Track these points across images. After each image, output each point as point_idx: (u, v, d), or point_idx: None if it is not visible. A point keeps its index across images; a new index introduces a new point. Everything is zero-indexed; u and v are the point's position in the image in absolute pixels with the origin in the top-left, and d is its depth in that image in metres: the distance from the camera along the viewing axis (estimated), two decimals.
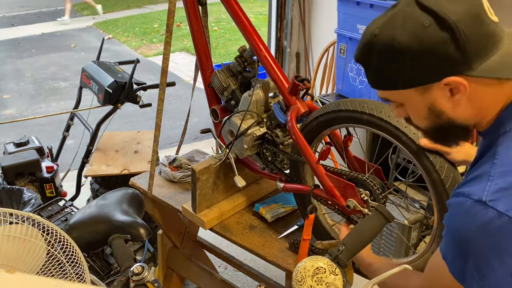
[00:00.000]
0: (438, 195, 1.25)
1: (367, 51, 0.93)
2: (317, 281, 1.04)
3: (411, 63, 0.87)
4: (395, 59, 0.88)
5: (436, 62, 0.85)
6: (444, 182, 1.22)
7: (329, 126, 1.44)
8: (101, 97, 2.73)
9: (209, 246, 2.33)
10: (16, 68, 6.87)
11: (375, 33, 0.90)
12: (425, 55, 0.85)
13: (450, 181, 1.22)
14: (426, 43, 0.84)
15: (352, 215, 1.45)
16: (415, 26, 0.85)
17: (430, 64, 0.86)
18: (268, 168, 1.70)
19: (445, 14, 0.82)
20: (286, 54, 4.09)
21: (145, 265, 1.25)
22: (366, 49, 0.93)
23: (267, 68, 1.60)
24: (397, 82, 0.91)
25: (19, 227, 1.19)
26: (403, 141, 1.27)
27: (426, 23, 0.83)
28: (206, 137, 4.36)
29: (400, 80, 0.91)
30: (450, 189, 1.22)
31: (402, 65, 0.88)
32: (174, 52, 7.45)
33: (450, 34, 0.83)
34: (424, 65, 0.86)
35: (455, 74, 0.85)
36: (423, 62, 0.86)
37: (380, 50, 0.89)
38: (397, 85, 0.92)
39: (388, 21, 0.89)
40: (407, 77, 0.89)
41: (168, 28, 1.67)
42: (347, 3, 2.78)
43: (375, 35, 0.90)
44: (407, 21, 0.86)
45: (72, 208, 2.20)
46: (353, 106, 1.35)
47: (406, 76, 0.89)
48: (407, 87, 0.91)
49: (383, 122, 1.29)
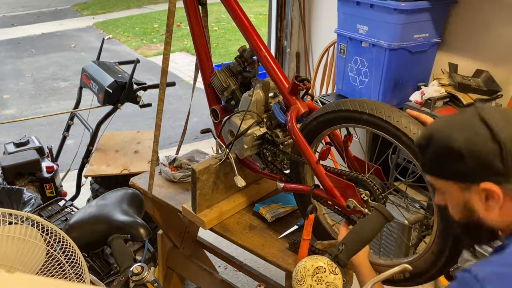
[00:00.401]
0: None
1: (427, 139, 1.05)
2: (317, 280, 1.04)
3: (459, 161, 0.98)
4: (447, 154, 1.00)
5: (481, 167, 0.97)
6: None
7: (329, 126, 1.44)
8: (101, 97, 2.73)
9: (209, 246, 2.33)
10: (16, 68, 6.87)
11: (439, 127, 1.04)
12: (473, 159, 0.97)
13: None
14: (476, 149, 0.96)
15: (352, 215, 1.45)
16: (471, 133, 0.97)
17: (475, 167, 0.97)
18: (268, 168, 1.70)
19: (498, 131, 0.95)
20: (286, 54, 4.09)
21: (144, 265, 1.25)
22: (427, 137, 1.05)
23: (267, 68, 1.60)
24: (444, 173, 1.04)
25: (18, 227, 1.19)
26: (403, 141, 1.27)
27: (482, 134, 0.96)
28: (206, 137, 4.36)
29: (446, 173, 1.03)
30: None
31: (451, 161, 1.00)
32: (174, 52, 7.45)
33: (498, 148, 0.94)
34: (470, 167, 0.98)
35: (494, 183, 0.96)
36: (470, 164, 0.97)
37: (437, 143, 1.02)
38: (443, 175, 1.04)
39: (451, 122, 1.03)
40: (453, 173, 1.01)
41: (168, 28, 1.67)
42: (347, 3, 2.78)
43: (438, 129, 1.04)
44: (466, 127, 0.99)
45: (72, 208, 2.20)
46: (353, 106, 1.35)
47: (453, 171, 1.01)
48: (451, 180, 1.03)
49: (383, 122, 1.29)
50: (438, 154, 1.03)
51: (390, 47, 2.58)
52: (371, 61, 2.73)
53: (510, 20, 2.49)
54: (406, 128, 1.26)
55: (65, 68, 6.82)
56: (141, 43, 8.26)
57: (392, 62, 2.63)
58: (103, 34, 8.86)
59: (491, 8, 2.55)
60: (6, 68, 6.82)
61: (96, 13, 10.54)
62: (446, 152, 1.00)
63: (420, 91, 2.53)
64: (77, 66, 6.54)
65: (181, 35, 8.32)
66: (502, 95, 2.47)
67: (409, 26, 2.56)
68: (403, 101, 2.66)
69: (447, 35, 2.78)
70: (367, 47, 2.73)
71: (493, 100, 2.47)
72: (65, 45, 8.06)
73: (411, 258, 1.41)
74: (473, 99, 2.43)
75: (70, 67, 6.87)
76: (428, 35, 2.68)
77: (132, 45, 8.16)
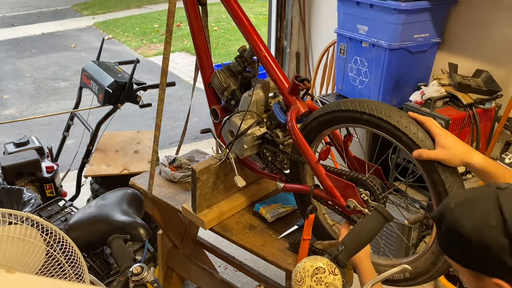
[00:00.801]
0: (438, 195, 1.25)
1: (440, 216, 0.97)
2: (317, 281, 1.04)
3: (467, 250, 0.90)
4: (455, 238, 0.92)
5: (489, 261, 0.88)
6: (444, 182, 1.22)
7: (329, 126, 1.44)
8: (101, 97, 2.73)
9: (209, 246, 2.33)
10: (16, 68, 6.87)
11: (451, 206, 0.95)
12: (481, 250, 0.88)
13: (450, 180, 1.22)
14: (484, 240, 0.87)
15: (352, 215, 1.45)
16: (482, 220, 0.88)
17: (483, 260, 0.89)
18: (268, 168, 1.70)
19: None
20: (286, 54, 4.08)
21: (144, 265, 1.25)
22: (441, 214, 0.97)
23: (267, 68, 1.60)
24: (455, 256, 0.96)
25: (18, 227, 1.19)
26: (403, 141, 1.27)
27: (493, 223, 0.86)
28: (206, 137, 4.36)
29: (457, 257, 0.95)
30: (450, 188, 1.22)
31: (460, 247, 0.92)
32: (174, 52, 7.45)
33: (510, 243, 0.85)
34: (477, 258, 0.89)
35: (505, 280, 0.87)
36: (477, 255, 0.89)
37: (448, 224, 0.94)
38: (454, 258, 0.96)
39: (466, 201, 0.93)
40: (463, 259, 0.94)
41: (168, 28, 1.67)
42: (347, 3, 2.78)
43: (450, 208, 0.94)
44: (478, 211, 0.89)
45: (72, 208, 2.20)
46: (353, 106, 1.35)
47: (462, 257, 0.93)
48: (462, 265, 0.94)
49: (383, 122, 1.29)
50: (448, 236, 0.95)
51: (390, 47, 2.58)
52: (371, 61, 2.73)
53: (510, 20, 2.49)
54: (406, 128, 1.25)
55: (65, 68, 6.82)
56: (141, 43, 8.26)
57: (392, 62, 2.63)
58: (103, 34, 8.86)
59: (491, 8, 2.55)
60: (6, 68, 6.83)
61: (96, 13, 10.54)
62: (455, 235, 0.92)
63: (420, 91, 2.53)
64: (77, 66, 6.55)
65: (181, 35, 8.32)
66: (502, 95, 2.47)
67: (409, 26, 2.56)
68: (403, 101, 2.66)
69: (447, 35, 2.78)
70: (367, 47, 2.73)
71: (493, 100, 2.47)
72: (65, 45, 8.07)
73: (411, 258, 1.41)
74: (473, 99, 2.43)
75: (70, 67, 6.87)
76: (428, 35, 2.68)
77: (132, 45, 8.16)
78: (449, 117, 2.35)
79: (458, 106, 2.45)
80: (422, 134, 1.25)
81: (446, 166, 1.22)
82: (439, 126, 1.25)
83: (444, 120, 2.34)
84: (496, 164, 1.18)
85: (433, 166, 1.22)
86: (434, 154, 1.20)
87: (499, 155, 2.47)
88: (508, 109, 2.42)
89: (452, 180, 1.22)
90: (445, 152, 1.20)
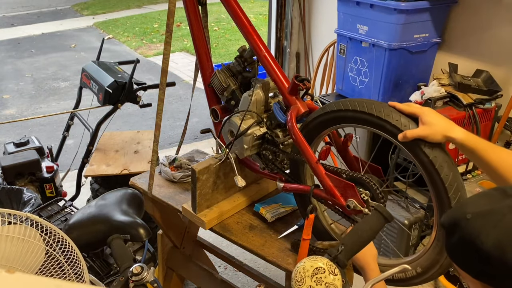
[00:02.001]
0: (438, 194, 1.25)
1: (453, 225, 0.92)
2: (317, 281, 1.03)
3: (485, 265, 0.85)
4: (472, 251, 0.87)
5: (508, 279, 0.83)
6: (444, 181, 1.22)
7: (329, 126, 1.44)
8: (101, 97, 2.73)
9: (209, 246, 2.33)
10: (16, 68, 6.87)
11: (468, 217, 0.88)
12: (501, 267, 0.83)
13: (450, 179, 1.22)
14: (507, 258, 0.82)
15: (352, 215, 1.45)
16: (504, 235, 0.83)
17: (502, 276, 0.84)
18: (268, 168, 1.70)
19: None
20: (286, 54, 4.08)
21: (144, 265, 1.25)
22: (453, 223, 0.92)
23: (267, 68, 1.60)
24: (466, 267, 0.91)
25: (17, 227, 1.19)
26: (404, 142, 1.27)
27: None
28: (206, 137, 4.36)
29: (469, 269, 0.90)
30: (450, 187, 1.22)
31: (476, 261, 0.87)
32: (174, 52, 7.45)
33: None
34: (496, 274, 0.85)
35: None
36: (497, 271, 0.84)
37: (464, 235, 0.88)
38: (465, 268, 0.91)
39: (484, 213, 0.87)
40: (477, 272, 0.89)
41: (168, 28, 1.67)
42: (347, 3, 2.78)
43: (466, 218, 0.88)
44: (500, 226, 0.84)
45: (72, 208, 2.20)
46: (353, 106, 1.35)
47: (476, 270, 0.88)
48: (473, 276, 0.90)
49: (383, 122, 1.29)
50: (462, 247, 0.89)
51: (390, 47, 2.58)
52: (371, 61, 2.73)
53: (510, 20, 2.49)
54: (405, 127, 1.26)
55: (65, 68, 6.82)
56: (141, 43, 8.26)
57: (392, 62, 2.63)
58: (103, 34, 8.86)
59: (491, 8, 2.55)
60: (6, 68, 6.83)
61: (96, 13, 10.54)
62: (472, 249, 0.86)
63: (420, 91, 2.53)
64: (77, 66, 6.55)
65: (181, 35, 8.32)
66: (502, 95, 2.47)
67: (409, 26, 2.56)
68: (403, 101, 2.63)
69: (447, 35, 2.78)
70: (367, 47, 2.73)
71: (493, 100, 2.47)
72: (65, 45, 8.07)
73: (411, 258, 1.41)
74: (473, 99, 2.43)
75: (70, 67, 6.87)
76: (428, 35, 2.68)
77: (132, 45, 8.16)
78: (449, 117, 2.34)
79: (458, 106, 2.45)
80: (404, 119, 1.25)
81: (431, 144, 1.22)
82: (419, 106, 1.25)
83: None
84: (479, 140, 1.18)
85: (418, 146, 1.23)
86: (417, 132, 1.21)
87: None
88: (508, 109, 2.42)
89: (441, 159, 1.22)
90: (427, 128, 1.20)
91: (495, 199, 0.89)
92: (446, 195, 1.23)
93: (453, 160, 1.26)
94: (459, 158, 2.50)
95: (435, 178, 1.24)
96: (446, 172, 1.22)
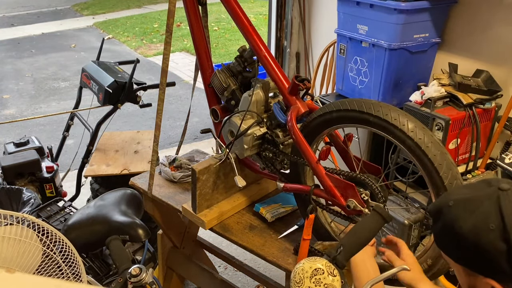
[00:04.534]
0: (438, 193, 1.25)
1: (438, 212, 0.97)
2: (316, 282, 1.03)
3: (463, 248, 0.90)
4: (452, 236, 0.92)
5: (484, 262, 0.88)
6: (443, 180, 1.23)
7: (329, 126, 1.44)
8: (101, 97, 2.73)
9: (209, 246, 2.33)
10: (16, 68, 6.87)
11: (450, 204, 0.94)
12: (477, 251, 0.88)
13: (449, 178, 1.22)
14: (482, 242, 0.86)
15: (352, 215, 1.45)
16: (481, 222, 0.87)
17: (478, 261, 0.89)
18: (268, 168, 1.70)
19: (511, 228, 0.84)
20: (286, 54, 4.08)
21: (143, 266, 1.25)
22: (438, 210, 0.97)
23: (267, 68, 1.60)
24: (449, 252, 0.96)
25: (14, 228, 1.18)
26: (402, 141, 1.27)
27: (492, 226, 0.85)
28: (206, 137, 4.36)
29: (451, 253, 0.96)
30: (449, 185, 1.22)
31: (456, 244, 0.92)
32: (174, 52, 7.44)
33: (507, 248, 0.84)
34: (473, 258, 0.89)
35: (498, 281, 0.88)
36: (473, 255, 0.89)
37: (445, 221, 0.94)
38: (447, 253, 0.97)
39: (465, 200, 0.92)
40: (458, 256, 0.94)
41: (168, 28, 1.67)
42: (347, 3, 2.78)
43: (449, 205, 0.94)
44: (478, 212, 0.88)
45: (71, 208, 2.20)
46: (353, 106, 1.35)
47: (457, 255, 0.94)
48: (454, 261, 0.95)
49: (382, 121, 1.29)
50: (444, 233, 0.95)
51: (390, 47, 2.58)
52: (371, 61, 2.73)
53: (510, 20, 2.49)
54: (404, 126, 1.26)
55: (65, 68, 6.82)
56: (141, 43, 8.26)
57: (392, 62, 2.63)
58: (103, 34, 8.85)
59: (491, 8, 2.55)
60: (6, 68, 6.82)
61: (96, 13, 10.54)
62: (452, 234, 0.92)
63: (420, 91, 2.53)
64: (77, 66, 6.54)
65: (181, 35, 8.32)
66: (502, 95, 2.47)
67: (409, 26, 2.56)
68: (403, 101, 2.66)
69: (447, 35, 2.77)
70: (367, 47, 2.73)
71: (493, 100, 2.46)
72: (65, 45, 8.06)
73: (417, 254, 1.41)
74: (473, 99, 2.43)
75: (70, 67, 6.87)
76: (428, 35, 2.68)
77: (132, 45, 8.16)
78: (449, 117, 2.34)
79: (458, 106, 2.44)
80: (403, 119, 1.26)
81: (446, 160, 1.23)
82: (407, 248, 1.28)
83: (444, 120, 2.34)
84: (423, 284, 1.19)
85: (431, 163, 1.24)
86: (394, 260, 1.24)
87: (499, 155, 2.47)
88: (508, 109, 2.41)
89: (451, 177, 1.23)
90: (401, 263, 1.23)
91: (478, 188, 0.93)
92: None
93: (453, 159, 1.26)
94: (459, 158, 2.50)
95: (434, 178, 1.24)
96: (445, 171, 1.22)
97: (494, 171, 2.46)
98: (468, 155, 2.50)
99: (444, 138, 2.36)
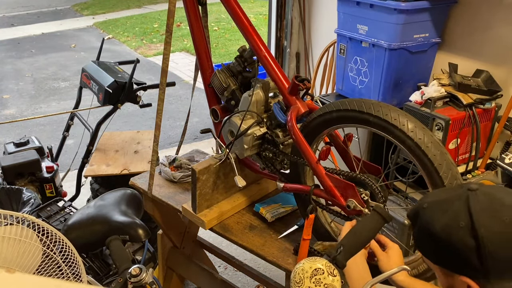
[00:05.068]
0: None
1: (415, 215, 1.01)
2: (316, 282, 1.03)
3: (437, 248, 0.94)
4: (427, 237, 0.96)
5: (457, 260, 0.91)
6: (443, 180, 1.23)
7: (329, 126, 1.44)
8: (101, 97, 2.73)
9: (209, 246, 2.33)
10: (16, 68, 6.87)
11: (424, 206, 0.98)
12: (449, 250, 0.92)
13: (449, 178, 1.22)
14: (453, 240, 0.90)
15: (352, 215, 1.45)
16: (452, 220, 0.91)
17: (451, 259, 0.93)
18: (268, 168, 1.70)
19: (479, 226, 0.88)
20: (286, 54, 4.08)
21: (143, 266, 1.25)
22: (415, 213, 1.01)
23: (267, 68, 1.60)
24: (427, 254, 1.00)
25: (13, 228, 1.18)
26: (402, 141, 1.27)
27: (462, 224, 0.90)
28: (206, 137, 4.36)
29: (429, 255, 0.99)
30: (449, 185, 1.22)
31: (431, 245, 0.96)
32: (174, 52, 7.44)
33: (476, 244, 0.88)
34: (447, 256, 0.93)
35: (471, 278, 0.91)
36: (446, 254, 0.93)
37: (421, 223, 0.98)
38: (427, 255, 1.00)
39: (439, 201, 0.96)
40: (433, 256, 0.98)
41: (168, 28, 1.67)
42: (347, 3, 2.78)
43: (423, 207, 0.98)
44: (449, 212, 0.93)
45: (71, 208, 2.20)
46: (352, 106, 1.35)
47: (432, 255, 0.98)
48: (433, 262, 0.98)
49: (382, 121, 1.29)
50: (421, 234, 0.99)
51: (390, 47, 2.58)
52: (371, 61, 2.73)
53: (510, 20, 2.49)
54: (404, 126, 1.26)
55: (65, 68, 6.82)
56: (141, 43, 8.26)
57: (392, 62, 2.63)
58: (103, 34, 8.86)
59: (491, 8, 2.55)
60: (6, 68, 6.82)
61: (96, 13, 10.54)
62: (427, 234, 0.96)
63: (420, 91, 2.53)
64: (77, 66, 6.54)
65: (181, 35, 8.32)
66: (502, 95, 2.47)
67: (409, 26, 2.56)
68: (403, 101, 2.66)
69: (447, 35, 2.77)
70: (367, 47, 2.73)
71: (493, 100, 2.46)
72: (65, 45, 8.06)
73: (410, 258, 1.41)
74: (473, 99, 2.43)
75: (70, 67, 6.87)
76: (428, 35, 2.68)
77: (132, 45, 8.16)
78: (449, 117, 2.34)
79: (458, 106, 2.44)
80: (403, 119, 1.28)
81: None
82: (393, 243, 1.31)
83: (444, 120, 2.34)
84: (418, 284, 1.22)
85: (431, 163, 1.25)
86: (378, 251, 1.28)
87: (499, 155, 2.47)
88: (508, 109, 2.41)
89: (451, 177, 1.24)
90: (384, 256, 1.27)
91: (451, 191, 0.98)
92: None
93: (452, 159, 1.26)
94: (459, 158, 2.50)
95: (434, 178, 1.24)
96: (445, 171, 1.22)
97: (494, 171, 2.46)
98: (468, 155, 2.50)
99: (444, 138, 2.36)
